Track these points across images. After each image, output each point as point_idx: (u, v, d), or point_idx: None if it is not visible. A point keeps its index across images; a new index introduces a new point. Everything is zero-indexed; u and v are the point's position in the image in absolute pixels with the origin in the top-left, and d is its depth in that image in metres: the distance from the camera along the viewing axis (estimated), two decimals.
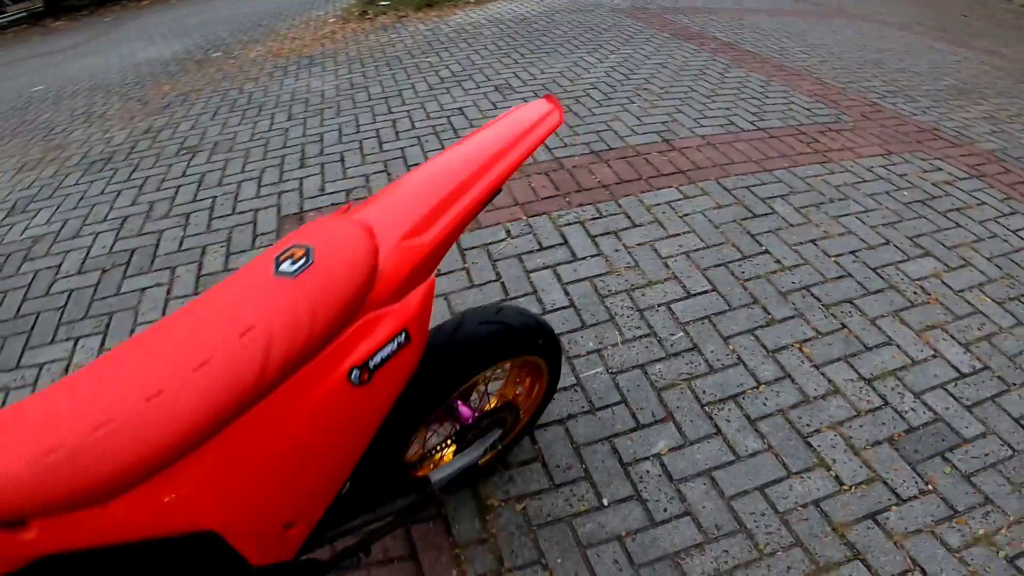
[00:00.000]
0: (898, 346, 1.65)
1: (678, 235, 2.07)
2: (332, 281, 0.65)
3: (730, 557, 1.23)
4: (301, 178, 2.69)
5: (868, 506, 1.31)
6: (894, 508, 1.30)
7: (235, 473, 0.62)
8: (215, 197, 2.60)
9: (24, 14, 10.50)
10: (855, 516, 1.29)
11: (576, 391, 1.54)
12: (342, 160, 2.81)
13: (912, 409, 1.49)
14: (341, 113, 3.37)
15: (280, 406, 0.62)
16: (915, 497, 1.32)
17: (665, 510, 1.30)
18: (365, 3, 6.14)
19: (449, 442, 1.11)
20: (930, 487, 1.34)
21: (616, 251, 2.01)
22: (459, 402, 1.10)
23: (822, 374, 1.58)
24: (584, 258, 1.99)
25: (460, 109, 3.25)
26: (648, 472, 1.37)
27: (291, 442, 0.64)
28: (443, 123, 3.09)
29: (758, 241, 2.02)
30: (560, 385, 1.56)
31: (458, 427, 1.09)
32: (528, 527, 1.30)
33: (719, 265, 1.92)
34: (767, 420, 1.47)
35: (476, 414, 1.09)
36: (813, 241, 2.02)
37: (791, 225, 2.09)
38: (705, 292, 1.82)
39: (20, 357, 1.87)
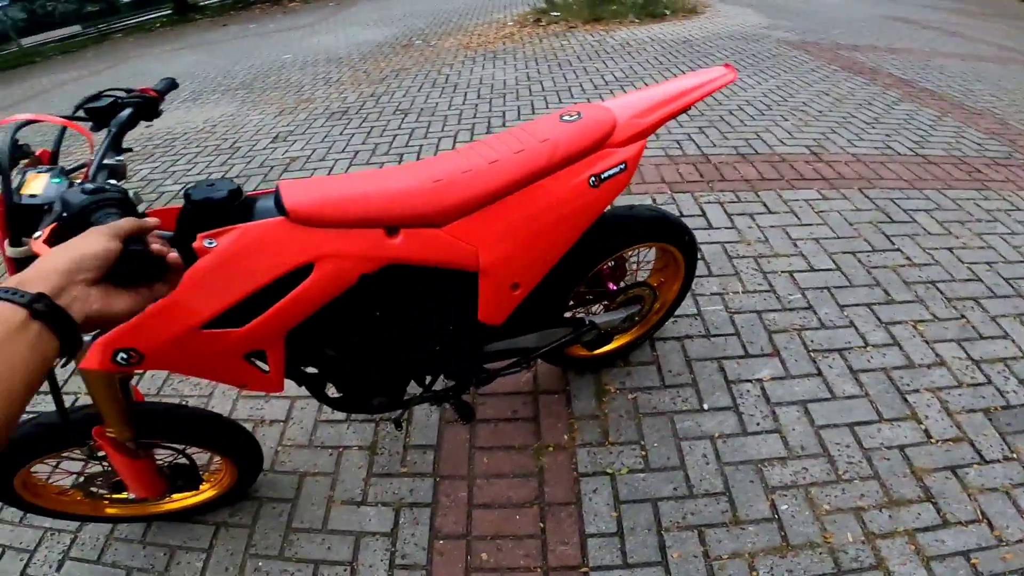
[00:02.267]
0: (1013, 340, 1.76)
1: (811, 225, 2.31)
2: (591, 128, 1.15)
3: (808, 474, 1.41)
4: None
5: (950, 459, 1.44)
6: (975, 466, 1.43)
7: (506, 229, 1.09)
8: (421, 146, 3.31)
9: None
10: (936, 465, 1.42)
11: (696, 319, 1.89)
12: None
13: (1014, 391, 1.60)
14: (520, 98, 3.99)
15: (549, 187, 1.10)
16: (998, 461, 1.43)
17: (758, 424, 1.55)
18: (539, 12, 6.87)
19: (599, 306, 1.55)
20: (1015, 456, 1.44)
21: (748, 227, 2.31)
22: (609, 280, 1.52)
23: (931, 348, 1.75)
24: (718, 228, 2.31)
25: None
26: (748, 391, 1.64)
27: (544, 215, 1.10)
28: None
29: (891, 240, 2.20)
30: (682, 312, 1.91)
31: (607, 292, 1.52)
32: (635, 413, 1.60)
33: (847, 252, 2.14)
34: (868, 373, 1.68)
35: (620, 286, 1.52)
36: (949, 248, 2.14)
37: (929, 233, 2.23)
38: (829, 269, 2.06)
39: None
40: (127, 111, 0.98)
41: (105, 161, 0.88)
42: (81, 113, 0.98)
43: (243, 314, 0.92)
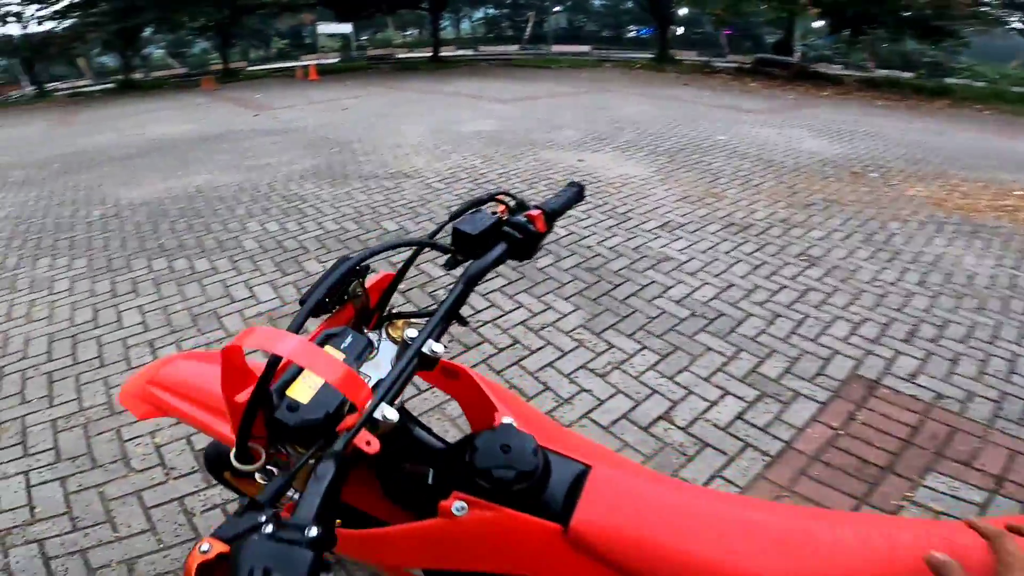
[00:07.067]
0: None
1: None
2: None
3: None
4: (893, 354, 2.51)
5: None
6: None
7: None
8: (804, 318, 2.75)
9: (735, 66, 13.63)
10: None
11: None
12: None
13: None
14: (983, 313, 2.90)
15: None
16: None
17: None
18: None
19: None
20: None
21: None
22: None
23: None
24: None
25: None
26: None
27: None
28: None
29: None
30: None
31: None
32: None
33: None
34: None
35: None
36: None
37: None
38: None
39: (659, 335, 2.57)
40: (499, 250, 0.69)
41: (429, 347, 0.61)
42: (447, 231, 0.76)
43: None
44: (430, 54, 20.78)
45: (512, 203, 0.78)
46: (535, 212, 0.75)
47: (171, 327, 2.68)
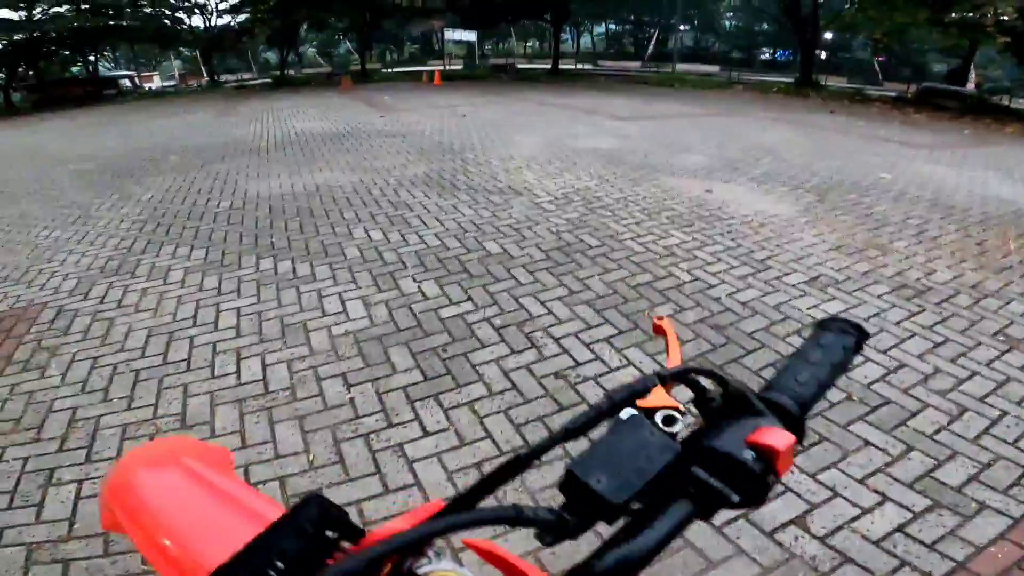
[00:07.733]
0: None
1: None
2: None
3: None
4: None
5: None
6: None
7: None
8: (1001, 416, 2.04)
9: (892, 95, 12.02)
10: None
11: None
12: None
13: None
14: None
15: None
16: None
17: None
18: None
19: None
20: None
21: None
22: None
23: None
24: None
25: None
26: None
27: None
28: None
29: None
30: None
31: None
32: None
33: None
34: None
35: None
36: None
37: None
38: None
39: None
40: (676, 516, 0.33)
41: None
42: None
43: None
44: (549, 66, 20.76)
45: (711, 391, 0.33)
46: (773, 435, 0.32)
47: (260, 336, 2.57)
